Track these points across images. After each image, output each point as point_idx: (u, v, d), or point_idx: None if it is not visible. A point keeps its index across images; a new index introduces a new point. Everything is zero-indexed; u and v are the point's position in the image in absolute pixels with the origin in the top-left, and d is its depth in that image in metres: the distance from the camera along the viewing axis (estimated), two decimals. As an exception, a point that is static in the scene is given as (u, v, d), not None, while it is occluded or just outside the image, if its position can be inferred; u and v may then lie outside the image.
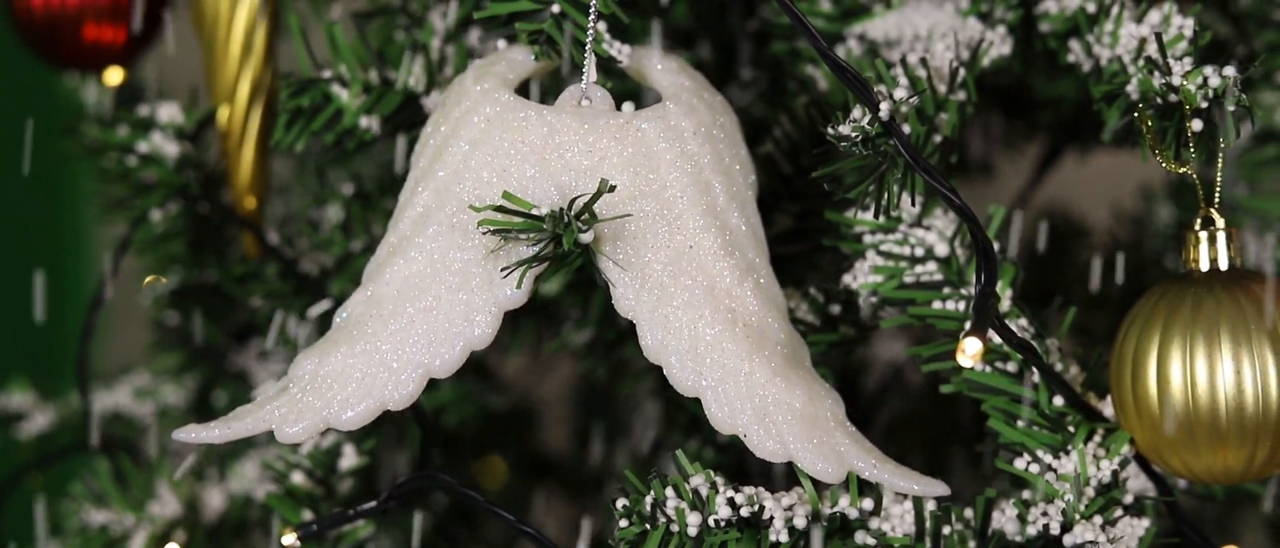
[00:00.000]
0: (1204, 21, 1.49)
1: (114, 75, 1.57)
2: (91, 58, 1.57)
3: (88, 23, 1.56)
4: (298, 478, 1.45)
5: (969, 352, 1.19)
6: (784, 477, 1.33)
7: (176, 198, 1.52)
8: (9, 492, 1.66)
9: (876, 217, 1.32)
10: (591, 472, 1.73)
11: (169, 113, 1.52)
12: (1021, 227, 1.75)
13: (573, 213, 1.27)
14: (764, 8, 1.45)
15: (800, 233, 1.45)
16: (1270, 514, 1.56)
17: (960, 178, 1.72)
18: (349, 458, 1.46)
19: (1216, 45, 1.50)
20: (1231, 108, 1.26)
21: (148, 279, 1.53)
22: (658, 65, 1.35)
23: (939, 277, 1.34)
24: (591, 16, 1.31)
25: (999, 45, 1.38)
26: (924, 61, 1.33)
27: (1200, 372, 1.24)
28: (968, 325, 1.22)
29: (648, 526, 1.27)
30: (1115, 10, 1.35)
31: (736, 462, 1.43)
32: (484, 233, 1.29)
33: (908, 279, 1.34)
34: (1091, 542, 1.27)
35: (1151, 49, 1.30)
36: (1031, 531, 1.28)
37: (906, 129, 1.29)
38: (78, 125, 1.65)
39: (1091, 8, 1.35)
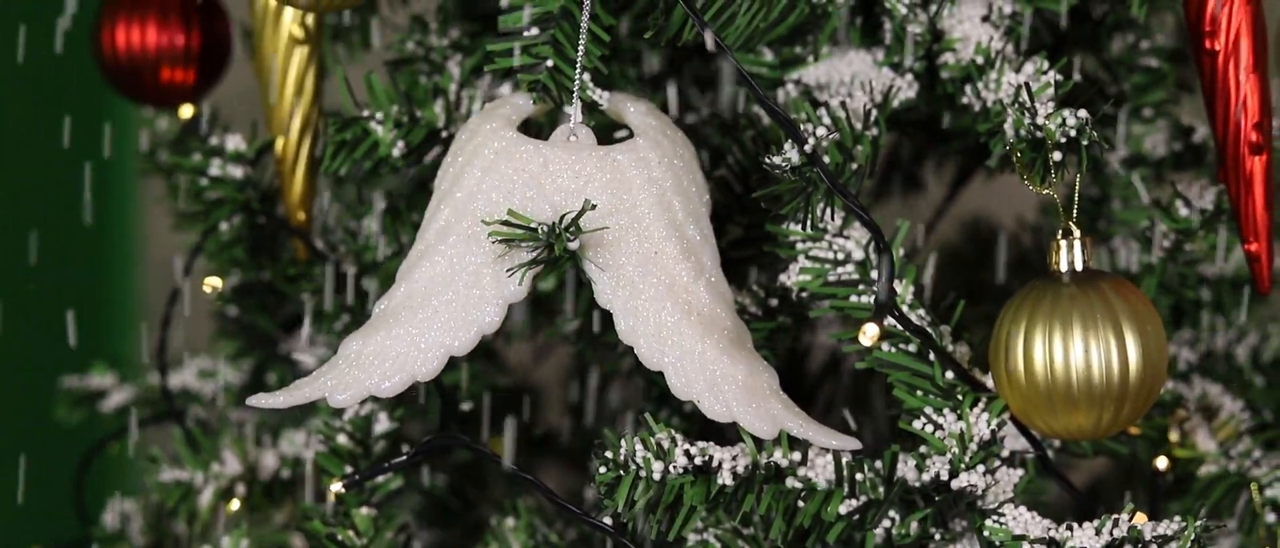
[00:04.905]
0: (1083, 65, 1.60)
1: (186, 110, 1.63)
2: (167, 96, 1.64)
3: (164, 66, 1.63)
4: (341, 439, 1.54)
5: (868, 334, 1.31)
6: (731, 435, 1.42)
7: (239, 212, 1.59)
8: (93, 457, 1.73)
9: (805, 229, 1.44)
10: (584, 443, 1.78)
11: (234, 142, 1.59)
12: (956, 233, 1.86)
13: (563, 226, 1.37)
14: (721, 58, 1.57)
15: (747, 241, 1.54)
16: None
17: (895, 192, 1.82)
18: (382, 423, 1.55)
19: (1092, 84, 1.60)
20: (1085, 142, 1.36)
21: (216, 283, 1.56)
22: (631, 108, 1.44)
23: (855, 276, 1.44)
24: (578, 69, 1.41)
25: (906, 90, 1.48)
26: (844, 104, 1.42)
27: (1057, 351, 1.36)
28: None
29: (621, 472, 1.38)
30: (998, 63, 1.43)
31: (700, 427, 1.51)
32: (493, 242, 1.39)
33: (831, 278, 1.45)
34: (973, 485, 1.38)
35: (1024, 95, 1.39)
36: (926, 477, 1.39)
37: (827, 159, 1.39)
38: (154, 151, 1.70)
39: (980, 60, 1.45)
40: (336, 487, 1.48)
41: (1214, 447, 1.58)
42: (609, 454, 1.39)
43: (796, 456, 1.41)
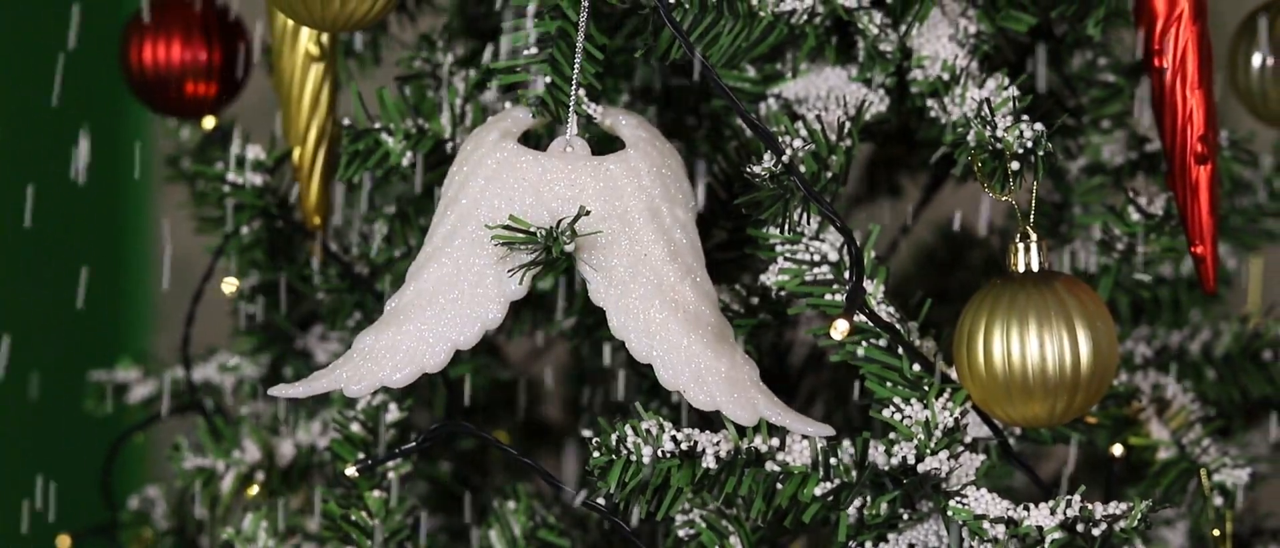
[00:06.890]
0: (1047, 79, 1.62)
1: (208, 121, 1.67)
2: (190, 108, 1.66)
3: (188, 80, 1.65)
4: (354, 427, 1.55)
5: (839, 330, 1.37)
6: (715, 422, 1.45)
7: (259, 217, 1.62)
8: (119, 447, 1.75)
9: (783, 232, 1.46)
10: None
11: (254, 152, 1.61)
12: (931, 237, 1.89)
13: (560, 230, 1.39)
14: (705, 75, 1.53)
15: (731, 243, 1.57)
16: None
17: (872, 197, 1.86)
18: (392, 413, 1.57)
19: (1052, 97, 1.61)
20: (1041, 153, 1.40)
21: (234, 283, 1.60)
22: (623, 121, 1.46)
23: (830, 276, 1.48)
24: (573, 85, 1.43)
25: (877, 104, 1.50)
26: (819, 118, 1.45)
27: (1014, 346, 1.41)
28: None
29: (613, 457, 1.41)
30: (963, 79, 1.47)
31: (695, 416, 1.52)
32: (495, 245, 1.41)
33: (808, 278, 1.48)
34: (938, 469, 1.42)
35: (985, 109, 1.42)
36: (895, 462, 1.42)
37: (803, 169, 1.43)
38: (178, 160, 1.73)
39: (946, 77, 1.48)
40: (351, 471, 1.50)
41: (1167, 436, 1.61)
42: (601, 440, 1.42)
43: (775, 441, 1.44)
